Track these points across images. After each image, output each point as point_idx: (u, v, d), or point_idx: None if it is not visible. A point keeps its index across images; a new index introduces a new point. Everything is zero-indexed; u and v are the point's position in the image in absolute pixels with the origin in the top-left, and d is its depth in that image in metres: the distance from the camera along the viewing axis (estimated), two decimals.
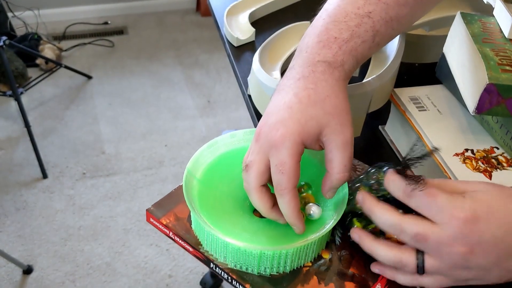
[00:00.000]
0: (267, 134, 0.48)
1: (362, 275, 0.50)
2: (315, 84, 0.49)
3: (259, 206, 0.49)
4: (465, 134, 0.62)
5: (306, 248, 0.49)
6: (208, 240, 0.51)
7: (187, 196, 0.52)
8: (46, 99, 2.36)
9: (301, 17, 0.93)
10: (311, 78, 0.49)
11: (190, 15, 3.04)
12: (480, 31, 0.61)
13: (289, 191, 0.47)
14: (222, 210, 0.53)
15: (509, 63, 0.56)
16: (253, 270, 0.50)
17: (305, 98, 0.48)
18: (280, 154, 0.46)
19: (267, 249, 0.48)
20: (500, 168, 0.58)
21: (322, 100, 0.48)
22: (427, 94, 0.68)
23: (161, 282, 1.61)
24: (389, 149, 0.70)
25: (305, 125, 0.47)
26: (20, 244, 1.70)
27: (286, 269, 0.50)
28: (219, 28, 0.94)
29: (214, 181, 0.56)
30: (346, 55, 0.51)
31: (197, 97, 2.40)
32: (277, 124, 0.47)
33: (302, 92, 0.48)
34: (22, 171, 1.98)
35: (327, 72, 0.50)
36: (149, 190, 1.92)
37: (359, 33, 0.51)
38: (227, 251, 0.50)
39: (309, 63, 0.50)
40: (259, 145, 0.48)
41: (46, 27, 2.75)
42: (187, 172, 0.55)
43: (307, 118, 0.47)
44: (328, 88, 0.49)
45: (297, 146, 0.47)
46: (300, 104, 0.48)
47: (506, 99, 0.54)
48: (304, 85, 0.49)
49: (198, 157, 0.57)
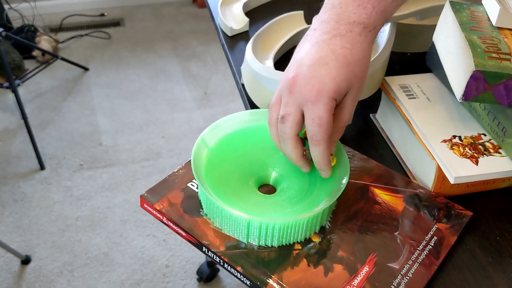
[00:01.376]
0: (303, 88, 0.50)
1: (350, 258, 0.52)
2: (351, 45, 0.50)
3: (292, 154, 0.53)
4: (453, 121, 0.63)
5: (295, 225, 0.51)
6: (207, 205, 0.54)
7: (194, 163, 0.54)
8: (43, 91, 2.36)
9: (295, 7, 0.94)
10: (348, 37, 0.51)
11: (187, 6, 3.04)
12: (468, 19, 0.62)
13: (324, 142, 0.51)
14: (227, 180, 0.55)
15: (495, 51, 0.57)
16: (243, 238, 0.52)
17: (342, 57, 0.50)
18: (317, 109, 0.49)
19: (255, 219, 0.50)
20: (486, 154, 0.59)
21: (355, 62, 0.50)
22: (417, 83, 0.69)
23: (158, 272, 1.62)
24: (380, 137, 0.71)
25: (339, 84, 0.50)
26: (18, 235, 1.72)
27: (274, 242, 0.52)
28: (214, 18, 0.95)
29: (224, 153, 0.58)
30: (378, 16, 0.52)
31: (194, 88, 2.41)
32: (313, 79, 0.49)
33: (339, 50, 0.50)
34: (20, 162, 1.99)
35: (363, 34, 0.51)
36: (147, 182, 1.93)
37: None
38: (222, 217, 0.52)
39: (345, 21, 0.51)
40: (294, 98, 0.51)
41: (42, 19, 2.75)
42: (200, 140, 0.57)
43: (341, 78, 0.50)
44: (361, 51, 0.51)
45: (332, 102, 0.50)
46: (337, 62, 0.50)
47: (493, 86, 0.55)
48: (341, 43, 0.50)
49: (215, 127, 0.60)
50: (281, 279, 0.49)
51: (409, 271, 0.51)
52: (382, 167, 0.63)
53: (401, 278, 0.50)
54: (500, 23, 0.61)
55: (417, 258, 0.52)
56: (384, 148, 0.69)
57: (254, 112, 0.63)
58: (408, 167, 0.65)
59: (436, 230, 0.55)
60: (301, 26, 0.86)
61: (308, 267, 0.51)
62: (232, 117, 0.61)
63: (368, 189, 0.59)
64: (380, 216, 0.56)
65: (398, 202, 0.58)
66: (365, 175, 0.61)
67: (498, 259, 0.55)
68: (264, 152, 0.60)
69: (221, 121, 0.61)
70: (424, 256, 0.53)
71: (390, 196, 0.59)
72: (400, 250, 0.53)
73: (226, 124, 0.61)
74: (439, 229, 0.55)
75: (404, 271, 0.51)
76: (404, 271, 0.51)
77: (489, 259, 0.55)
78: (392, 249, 0.53)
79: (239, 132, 0.61)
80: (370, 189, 0.59)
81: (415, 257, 0.52)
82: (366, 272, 0.50)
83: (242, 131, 0.61)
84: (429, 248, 0.53)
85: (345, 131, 0.58)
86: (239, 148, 0.59)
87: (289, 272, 0.50)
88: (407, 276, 0.50)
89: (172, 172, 0.60)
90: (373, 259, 0.52)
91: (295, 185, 0.57)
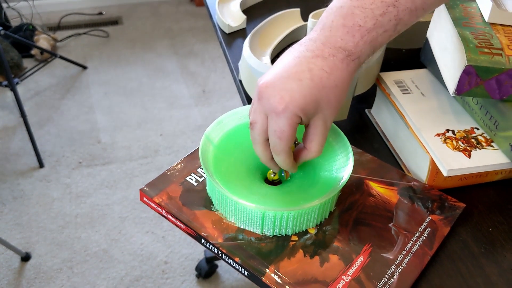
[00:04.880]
0: (271, 98, 0.50)
1: (346, 248, 0.53)
2: (331, 69, 0.50)
3: (261, 157, 0.55)
4: (447, 115, 0.64)
5: (308, 212, 0.53)
6: (219, 200, 0.55)
7: (203, 160, 0.56)
8: (41, 89, 2.37)
9: (292, 4, 0.95)
10: (330, 62, 0.50)
11: (185, 4, 3.05)
12: (461, 15, 0.63)
13: (285, 153, 0.52)
14: (235, 175, 0.57)
15: (487, 46, 0.58)
16: (258, 230, 0.54)
17: (317, 78, 0.49)
18: (280, 121, 0.50)
19: (270, 210, 0.51)
20: (479, 148, 0.60)
21: (330, 88, 0.50)
22: (411, 78, 0.70)
23: (157, 268, 1.64)
24: (375, 131, 0.72)
25: (308, 104, 0.49)
26: (18, 232, 1.73)
27: (288, 231, 0.54)
28: (212, 16, 0.96)
29: (230, 148, 0.59)
30: (365, 46, 0.52)
31: (192, 86, 2.42)
32: (283, 91, 0.49)
33: (317, 71, 0.50)
34: (19, 160, 2.00)
35: (345, 62, 0.51)
36: (145, 179, 1.94)
37: (383, 23, 0.51)
38: (235, 211, 0.54)
39: (331, 44, 0.51)
40: (261, 105, 0.51)
41: (41, 17, 2.75)
42: (204, 137, 0.59)
43: (312, 98, 0.49)
44: (340, 79, 0.50)
45: (296, 118, 0.50)
46: (311, 81, 0.49)
47: (485, 80, 0.57)
48: (321, 65, 0.50)
49: (218, 123, 0.61)
50: (278, 269, 0.50)
51: (403, 261, 0.52)
52: (377, 160, 0.64)
53: (395, 268, 0.51)
54: (492, 19, 0.62)
55: (411, 248, 0.53)
56: (379, 142, 0.70)
57: None
58: (403, 161, 0.66)
59: (429, 222, 0.57)
60: (298, 23, 0.87)
61: (304, 258, 0.52)
62: (235, 112, 0.62)
63: (363, 182, 0.61)
64: (375, 208, 0.58)
65: (393, 195, 0.59)
66: (360, 168, 0.63)
67: (490, 250, 0.56)
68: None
69: (224, 116, 0.62)
70: (417, 246, 0.54)
71: (384, 188, 0.60)
72: (394, 241, 0.54)
73: (229, 119, 0.62)
74: (433, 221, 0.57)
75: (398, 261, 0.52)
76: (398, 261, 0.52)
77: (481, 250, 0.56)
78: (387, 240, 0.54)
79: (242, 126, 0.62)
80: (365, 182, 0.61)
81: (409, 247, 0.54)
82: (361, 262, 0.52)
83: (245, 125, 0.61)
84: (422, 238, 0.55)
85: (341, 125, 0.59)
86: (244, 142, 0.60)
87: (285, 262, 0.51)
88: (401, 265, 0.52)
89: (171, 167, 0.62)
90: (368, 249, 0.53)
91: (300, 174, 0.58)
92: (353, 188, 0.60)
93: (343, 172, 0.55)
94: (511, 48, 0.58)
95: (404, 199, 0.59)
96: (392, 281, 0.50)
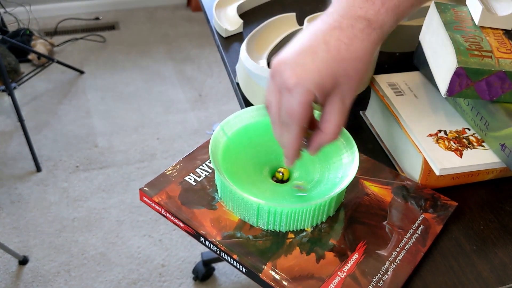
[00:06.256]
0: (283, 73, 0.46)
1: (341, 246, 0.54)
2: (350, 40, 0.46)
3: (277, 139, 0.52)
4: (439, 116, 0.66)
5: (302, 212, 0.54)
6: (221, 189, 0.57)
7: (212, 150, 0.57)
8: (39, 93, 2.38)
9: (288, 9, 0.97)
10: (348, 32, 0.46)
11: (181, 10, 3.06)
12: (452, 19, 0.65)
13: (294, 131, 0.48)
14: (242, 168, 0.58)
15: (477, 48, 0.59)
16: (253, 222, 0.55)
17: (334, 50, 0.45)
18: (291, 98, 0.46)
19: (265, 203, 0.53)
20: (470, 147, 0.62)
21: (349, 60, 0.46)
22: (405, 80, 0.72)
23: (155, 271, 1.64)
24: (369, 132, 0.73)
25: (324, 78, 0.45)
26: (15, 236, 1.73)
27: (282, 227, 0.55)
28: (209, 20, 0.97)
29: (242, 143, 0.60)
30: (388, 14, 0.48)
31: (189, 91, 2.43)
32: (297, 66, 0.46)
33: (334, 42, 0.46)
34: (16, 164, 2.00)
35: (366, 32, 0.47)
36: (142, 183, 1.95)
37: None
38: (233, 200, 0.55)
39: (349, 14, 0.47)
40: (275, 83, 0.48)
41: (37, 22, 2.76)
42: (219, 128, 0.59)
43: (328, 72, 0.45)
44: (361, 50, 0.47)
45: (309, 94, 0.46)
46: (327, 53, 0.46)
47: (475, 82, 0.58)
48: (338, 36, 0.46)
49: (235, 117, 0.61)
50: (275, 266, 0.52)
51: (397, 257, 0.54)
52: (372, 160, 0.65)
53: (389, 264, 0.53)
54: (482, 22, 0.64)
55: (404, 245, 0.55)
56: (373, 143, 0.72)
57: None
58: (396, 161, 0.68)
59: (422, 220, 0.58)
60: (294, 27, 0.89)
61: (300, 255, 0.53)
62: (253, 109, 0.62)
63: (358, 181, 0.62)
64: (369, 207, 0.59)
65: (387, 194, 0.61)
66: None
67: (482, 247, 0.58)
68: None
69: (242, 111, 0.62)
70: (411, 243, 0.55)
71: (379, 188, 0.61)
72: (388, 238, 0.55)
73: (246, 115, 0.62)
74: (426, 219, 0.58)
75: (392, 258, 0.53)
76: (392, 258, 0.53)
77: (473, 247, 0.57)
78: (381, 238, 0.55)
79: (258, 123, 0.61)
80: (359, 181, 0.62)
81: (403, 244, 0.55)
82: (356, 259, 0.53)
83: (260, 123, 0.61)
84: (416, 236, 0.56)
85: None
86: (256, 138, 0.61)
87: (282, 259, 0.52)
88: (395, 262, 0.53)
89: (170, 167, 0.63)
90: (363, 246, 0.54)
91: (306, 175, 0.60)
92: (348, 187, 0.61)
93: (343, 182, 0.55)
94: (500, 51, 0.60)
95: (398, 198, 0.60)
96: (386, 277, 0.52)
